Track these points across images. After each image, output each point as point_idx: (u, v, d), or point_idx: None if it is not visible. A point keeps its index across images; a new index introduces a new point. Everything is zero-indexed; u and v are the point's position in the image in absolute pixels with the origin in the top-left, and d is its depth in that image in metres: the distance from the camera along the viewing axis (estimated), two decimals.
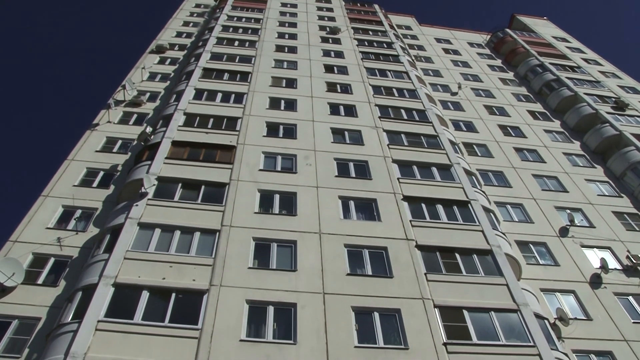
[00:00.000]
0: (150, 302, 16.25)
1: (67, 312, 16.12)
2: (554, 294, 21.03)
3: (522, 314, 17.46)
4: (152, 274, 17.05)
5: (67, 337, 15.02)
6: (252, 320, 16.20)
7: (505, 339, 16.56)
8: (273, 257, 18.56)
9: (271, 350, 15.23)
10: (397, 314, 16.86)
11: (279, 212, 20.85)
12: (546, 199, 26.73)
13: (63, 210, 21.42)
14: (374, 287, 17.73)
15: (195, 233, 18.97)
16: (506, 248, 20.77)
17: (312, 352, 15.26)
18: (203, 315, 15.93)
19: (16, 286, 17.57)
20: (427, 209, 21.95)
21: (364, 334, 16.16)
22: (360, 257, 19.04)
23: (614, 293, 21.48)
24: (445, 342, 16.11)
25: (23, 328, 16.66)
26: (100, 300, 15.95)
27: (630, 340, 19.34)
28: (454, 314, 17.11)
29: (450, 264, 19.14)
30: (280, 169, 23.50)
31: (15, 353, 15.90)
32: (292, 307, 16.63)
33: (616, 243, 24.36)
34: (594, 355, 18.69)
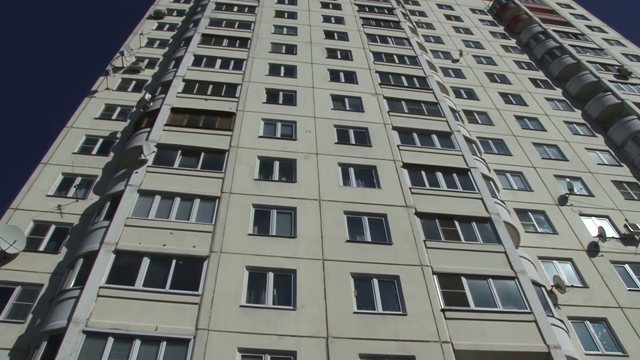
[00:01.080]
0: (151, 268, 16.42)
1: (69, 279, 16.30)
2: (552, 261, 21.22)
3: (519, 281, 17.64)
4: (152, 241, 17.16)
5: (69, 302, 15.22)
6: (252, 286, 16.39)
7: (502, 306, 16.77)
8: (273, 224, 18.65)
9: (271, 316, 15.44)
10: (395, 280, 17.05)
11: (279, 179, 20.88)
12: (546, 168, 26.70)
13: (63, 177, 21.44)
14: (373, 253, 17.87)
15: (195, 200, 19.04)
16: (505, 216, 20.88)
17: (311, 318, 15.48)
18: (203, 281, 16.11)
19: (18, 253, 17.72)
20: (426, 176, 21.97)
21: (363, 300, 16.38)
22: (360, 224, 19.14)
23: (611, 261, 21.66)
24: (443, 309, 16.32)
25: (26, 294, 16.87)
26: (101, 267, 16.11)
27: (624, 307, 19.59)
28: (452, 280, 17.30)
29: (449, 232, 19.25)
30: (280, 136, 23.45)
31: (20, 318, 16.15)
32: (292, 274, 16.81)
33: (614, 212, 24.44)
34: (589, 322, 18.93)
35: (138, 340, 14.29)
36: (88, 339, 14.21)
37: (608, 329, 18.80)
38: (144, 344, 14.28)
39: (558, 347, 15.70)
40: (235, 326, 14.99)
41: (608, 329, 18.80)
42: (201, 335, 14.58)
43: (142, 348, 14.19)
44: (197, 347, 14.27)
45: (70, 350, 13.75)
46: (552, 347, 15.63)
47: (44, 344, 14.34)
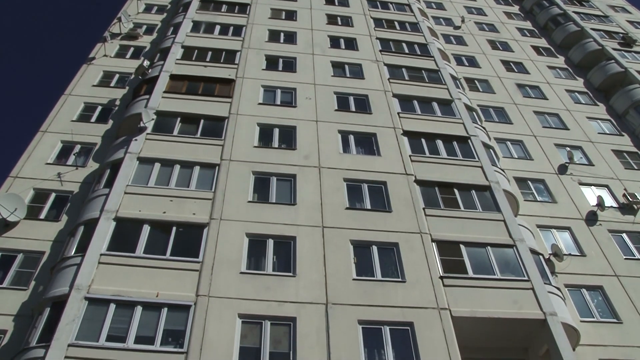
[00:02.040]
0: (152, 235, 16.50)
1: (70, 246, 16.40)
2: (550, 230, 21.30)
3: (517, 249, 17.75)
4: (152, 208, 17.20)
5: (71, 270, 15.35)
6: (252, 253, 16.50)
7: (500, 273, 16.92)
8: (273, 191, 18.68)
9: (271, 283, 15.59)
10: (395, 247, 17.15)
11: (279, 146, 20.84)
12: (546, 136, 26.57)
13: (62, 145, 21.38)
14: (372, 221, 17.94)
15: (195, 167, 19.02)
16: (504, 184, 20.89)
17: (311, 285, 15.63)
18: (204, 248, 16.21)
19: (19, 221, 17.79)
20: (426, 144, 21.90)
21: (362, 267, 16.51)
22: (360, 191, 19.17)
23: (609, 230, 21.74)
24: (442, 276, 16.47)
25: (28, 261, 17.01)
26: (102, 234, 16.18)
27: (620, 276, 19.75)
28: (451, 248, 17.41)
29: (449, 199, 19.29)
30: (279, 103, 23.29)
31: (22, 285, 16.33)
32: (292, 241, 16.89)
33: (614, 181, 24.44)
34: (585, 290, 19.10)
35: (139, 306, 14.45)
36: (90, 306, 14.37)
37: (604, 296, 18.99)
38: (145, 310, 14.44)
39: (554, 314, 15.89)
40: (235, 292, 15.14)
41: (604, 296, 18.99)
42: (202, 302, 14.74)
43: (143, 314, 14.36)
44: (197, 313, 14.43)
45: (73, 317, 13.93)
46: (548, 314, 15.82)
47: (47, 310, 14.50)
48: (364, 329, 14.79)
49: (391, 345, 14.56)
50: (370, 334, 14.76)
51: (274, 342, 14.31)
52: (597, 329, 17.79)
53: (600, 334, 17.61)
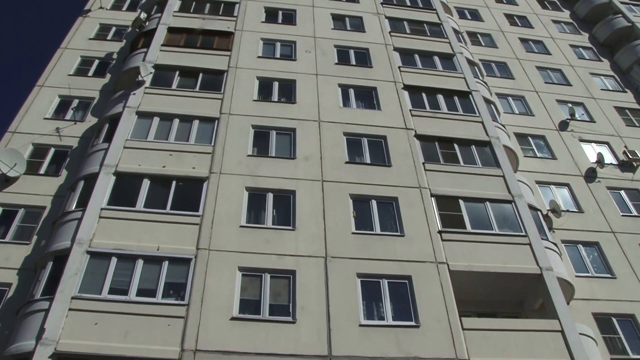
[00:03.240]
0: (151, 190, 16.54)
1: (70, 201, 16.46)
2: (549, 186, 21.37)
3: (516, 205, 17.80)
4: (152, 163, 17.19)
5: (72, 224, 15.44)
6: (251, 207, 16.56)
7: (498, 229, 17.02)
8: (272, 145, 18.62)
9: (270, 236, 15.70)
10: (394, 202, 17.21)
11: (278, 100, 20.67)
12: (548, 92, 26.32)
13: (60, 100, 21.19)
14: (372, 175, 17.94)
15: (194, 121, 18.91)
16: (505, 140, 20.81)
17: (310, 238, 15.75)
18: (203, 202, 16.25)
19: (19, 176, 17.79)
20: (427, 98, 21.71)
21: (361, 221, 16.60)
22: (359, 146, 19.11)
23: (607, 187, 21.82)
24: (441, 230, 16.59)
25: (29, 216, 17.11)
26: (102, 189, 16.21)
27: (617, 232, 19.94)
28: (450, 203, 17.47)
29: (449, 154, 19.24)
30: (279, 56, 22.94)
31: (25, 240, 16.47)
32: (291, 194, 16.93)
33: (615, 138, 24.36)
34: (582, 246, 19.31)
35: (141, 260, 14.61)
36: (92, 259, 14.52)
37: (599, 252, 19.23)
38: (146, 263, 14.60)
39: (550, 269, 16.08)
40: (235, 246, 15.27)
41: (599, 252, 19.23)
42: (202, 255, 14.90)
43: (145, 267, 14.53)
44: (198, 266, 14.60)
45: (76, 270, 14.10)
46: (544, 269, 16.00)
47: (49, 264, 14.67)
48: (363, 282, 15.00)
49: (389, 298, 14.79)
50: (369, 287, 14.97)
51: (274, 294, 14.52)
52: (591, 283, 18.07)
53: (594, 289, 17.90)
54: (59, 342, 12.68)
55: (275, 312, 14.14)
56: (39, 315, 13.32)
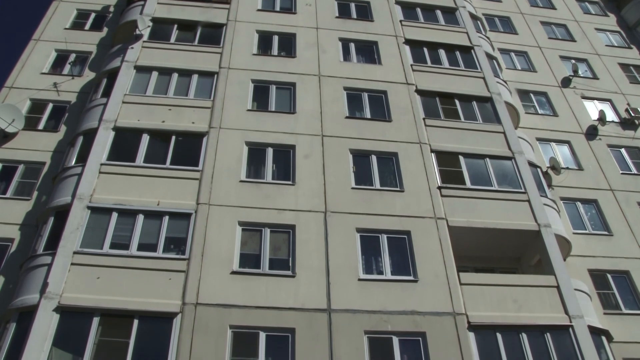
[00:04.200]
0: (151, 145, 16.48)
1: (70, 156, 16.43)
2: (549, 143, 21.31)
3: (516, 161, 17.79)
4: (151, 117, 17.06)
5: (72, 180, 15.45)
6: (251, 162, 16.52)
7: (497, 185, 17.04)
8: (272, 99, 18.46)
9: (270, 191, 15.72)
10: (394, 157, 17.18)
11: (278, 54, 20.37)
12: (552, 48, 25.91)
13: (56, 54, 20.90)
14: (372, 130, 17.84)
15: (193, 75, 18.68)
16: (506, 96, 20.60)
17: (310, 193, 15.77)
18: (203, 157, 16.21)
19: (17, 132, 17.69)
20: (429, 53, 21.38)
21: (361, 176, 16.60)
22: (360, 101, 18.95)
23: (608, 145, 21.76)
24: (440, 186, 16.60)
25: (29, 172, 17.13)
26: (101, 144, 16.17)
27: (615, 190, 20.00)
28: (450, 159, 17.44)
29: (449, 110, 19.08)
30: (279, 9, 22.45)
31: (25, 195, 16.53)
32: (291, 149, 16.88)
33: (617, 96, 24.11)
34: (580, 203, 19.40)
35: (141, 215, 14.66)
36: (93, 214, 14.58)
37: (597, 209, 19.35)
38: (147, 218, 14.67)
39: (548, 225, 16.19)
40: (235, 200, 15.31)
41: (597, 209, 19.35)
42: (202, 210, 14.95)
43: (145, 222, 14.60)
44: (198, 220, 14.67)
45: (77, 225, 14.18)
46: (542, 226, 16.12)
47: (51, 219, 14.74)
48: (362, 237, 15.11)
49: (388, 253, 14.94)
50: (368, 241, 15.10)
51: (274, 248, 14.65)
52: (588, 240, 18.25)
53: (590, 246, 18.09)
54: (62, 296, 12.85)
55: (275, 266, 14.29)
56: (41, 270, 13.47)
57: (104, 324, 12.68)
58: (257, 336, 12.91)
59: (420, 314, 13.71)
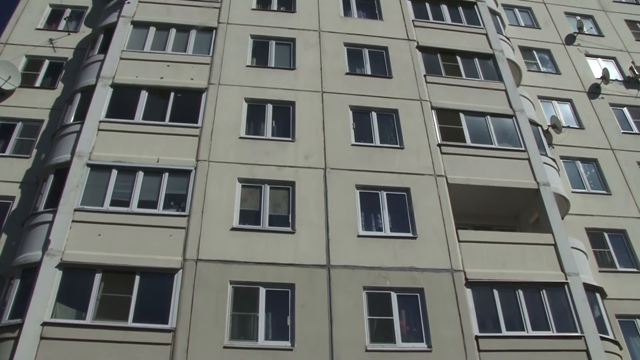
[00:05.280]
0: (150, 101, 16.35)
1: (68, 114, 16.31)
2: (551, 102, 21.16)
3: (517, 119, 17.69)
4: (149, 74, 16.87)
5: (71, 137, 15.40)
6: (251, 118, 16.42)
7: (497, 143, 17.00)
8: (271, 55, 18.18)
9: (270, 147, 15.68)
10: (394, 114, 17.06)
11: (278, 9, 19.95)
12: (556, 4, 25.34)
13: (51, 9, 20.55)
14: (372, 86, 17.67)
15: (192, 31, 18.37)
16: (509, 53, 20.31)
17: (310, 149, 15.74)
18: (202, 113, 16.10)
19: (14, 89, 17.54)
20: (430, 9, 20.94)
21: (360, 132, 16.52)
22: (360, 57, 18.69)
23: (610, 104, 21.60)
24: (440, 143, 16.55)
25: (28, 130, 17.07)
26: (99, 101, 16.04)
27: (616, 149, 19.97)
28: (451, 116, 17.31)
29: (451, 67, 18.85)
30: None
31: (25, 153, 16.54)
32: (291, 105, 16.75)
33: (622, 54, 23.77)
34: (580, 162, 19.43)
35: (141, 172, 14.67)
36: (93, 172, 14.59)
37: (597, 169, 19.39)
38: (146, 175, 14.69)
39: (547, 184, 16.23)
40: (235, 157, 15.28)
41: (597, 169, 19.39)
42: (202, 167, 14.93)
43: (145, 179, 14.63)
44: (198, 177, 14.67)
45: (77, 183, 14.20)
46: (541, 184, 16.16)
47: (50, 177, 14.76)
48: (362, 194, 15.15)
49: (387, 210, 15.01)
50: (368, 198, 15.14)
51: (273, 205, 14.70)
52: (586, 199, 18.33)
53: (588, 205, 18.19)
54: (65, 253, 12.98)
55: (274, 222, 14.36)
56: (43, 227, 13.56)
57: (106, 280, 12.85)
58: (257, 291, 13.09)
59: (419, 271, 13.87)
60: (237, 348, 12.22)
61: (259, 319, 12.75)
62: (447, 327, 13.09)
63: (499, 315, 13.60)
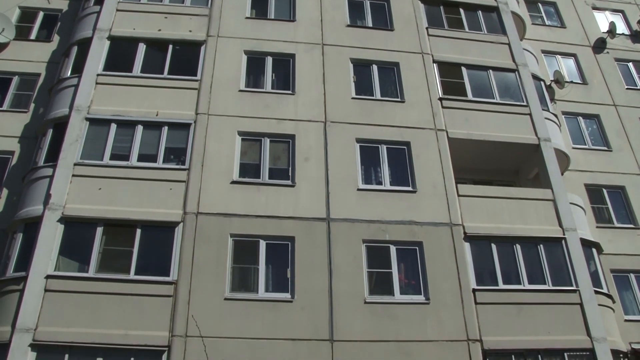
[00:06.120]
0: (148, 54, 16.09)
1: (65, 67, 16.09)
2: (555, 56, 20.88)
3: (519, 74, 17.47)
4: (146, 26, 16.53)
5: (69, 91, 15.23)
6: (250, 71, 16.18)
7: (499, 97, 16.84)
8: (271, 7, 17.74)
9: (270, 100, 15.53)
10: (395, 67, 16.84)
11: None
12: None
13: None
14: (373, 39, 17.36)
15: None
16: (513, 5, 19.82)
17: (310, 102, 15.60)
18: (201, 66, 15.86)
19: (9, 42, 17.25)
20: None
21: (361, 85, 16.34)
22: (361, 8, 18.27)
23: (615, 59, 21.30)
24: (441, 97, 16.40)
25: (24, 84, 16.90)
26: (97, 54, 15.78)
27: (619, 105, 19.81)
28: (452, 70, 17.10)
29: (453, 19, 18.48)
30: None
31: (22, 108, 16.41)
32: (291, 58, 16.50)
33: (631, 6, 23.26)
34: (582, 118, 19.31)
35: (140, 125, 14.58)
36: (92, 126, 14.50)
37: (598, 125, 19.32)
38: (146, 129, 14.60)
39: (548, 139, 16.17)
40: (234, 110, 15.15)
41: (598, 125, 19.32)
42: (201, 120, 14.82)
43: (144, 133, 14.55)
44: (198, 131, 14.59)
45: (76, 137, 14.14)
46: (542, 140, 16.10)
47: (49, 131, 14.68)
48: (362, 147, 15.11)
49: (387, 164, 15.00)
50: (368, 152, 15.11)
51: (273, 158, 14.68)
52: (586, 155, 18.34)
53: (589, 161, 18.22)
54: (66, 207, 13.03)
55: (274, 176, 14.38)
56: (44, 182, 13.58)
57: (107, 233, 12.96)
58: (257, 244, 13.22)
59: (418, 224, 13.96)
60: (238, 300, 12.41)
61: (259, 271, 12.90)
62: (445, 280, 13.26)
63: (496, 269, 13.78)
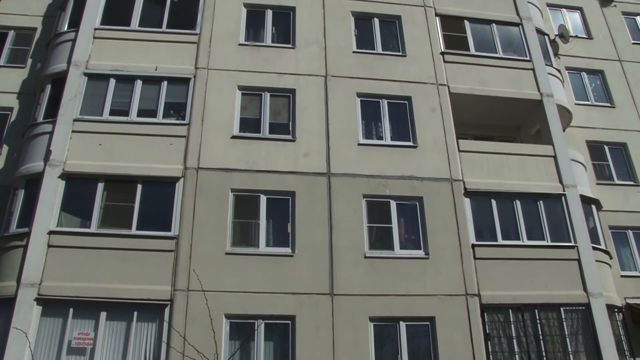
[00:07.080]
0: (145, 7, 15.75)
1: (62, 21, 15.80)
2: (560, 9, 20.44)
3: (523, 28, 17.21)
4: None
5: (66, 46, 15.01)
6: (250, 25, 15.92)
7: (502, 52, 16.63)
8: None
9: (270, 55, 15.33)
10: (397, 20, 16.56)
11: None
12: None
13: None
14: None
15: None
16: None
17: (310, 56, 15.40)
18: (200, 20, 15.58)
19: None
20: None
21: (362, 39, 16.10)
22: None
23: (623, 12, 20.86)
24: (443, 52, 16.19)
25: (21, 39, 16.63)
26: (93, 7, 15.50)
27: (624, 61, 19.53)
28: (455, 23, 16.81)
29: None
30: None
31: (19, 63, 16.23)
32: (291, 11, 16.21)
33: None
34: (586, 73, 19.08)
35: (139, 80, 14.44)
36: (90, 81, 14.36)
37: (602, 81, 19.09)
38: (145, 83, 14.46)
39: (551, 95, 16.07)
40: (234, 65, 14.97)
41: (602, 81, 19.09)
42: (201, 74, 14.67)
43: (144, 88, 14.42)
44: (197, 85, 14.46)
45: (75, 92, 14.02)
46: (544, 95, 15.99)
47: (48, 87, 14.54)
48: (362, 102, 15.01)
49: (388, 118, 14.93)
50: (369, 106, 15.02)
51: (274, 113, 14.59)
52: (589, 111, 18.20)
53: (591, 117, 18.08)
54: (66, 163, 13.05)
55: (275, 130, 14.32)
56: (44, 138, 13.54)
57: (108, 189, 13.01)
58: (257, 199, 13.29)
59: (418, 179, 14.00)
60: (239, 254, 12.55)
61: (260, 226, 13.00)
62: (444, 235, 13.39)
63: (495, 224, 13.88)
